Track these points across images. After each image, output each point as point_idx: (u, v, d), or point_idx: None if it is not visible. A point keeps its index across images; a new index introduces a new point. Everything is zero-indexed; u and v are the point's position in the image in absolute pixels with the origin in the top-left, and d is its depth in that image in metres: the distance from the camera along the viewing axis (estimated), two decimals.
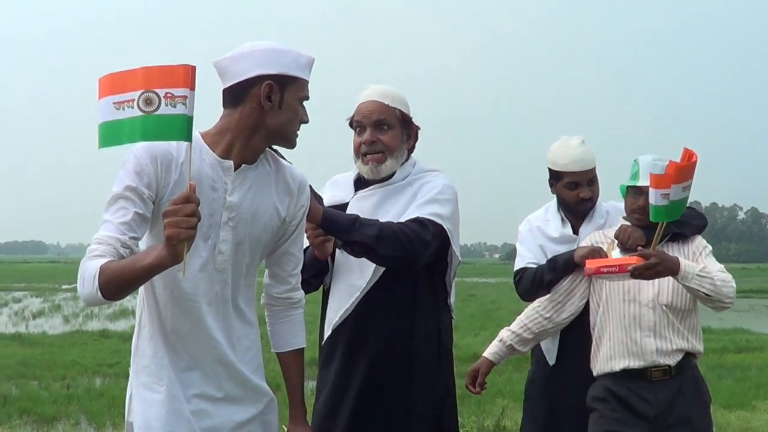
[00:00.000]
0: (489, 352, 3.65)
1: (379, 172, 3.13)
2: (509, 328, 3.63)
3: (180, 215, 2.02)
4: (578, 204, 3.61)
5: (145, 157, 2.30)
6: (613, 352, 3.33)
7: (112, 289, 2.15)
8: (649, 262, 3.09)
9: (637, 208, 3.36)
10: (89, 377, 10.90)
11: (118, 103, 2.07)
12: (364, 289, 3.05)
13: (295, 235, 2.64)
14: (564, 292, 3.49)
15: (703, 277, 3.17)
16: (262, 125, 2.41)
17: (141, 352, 2.45)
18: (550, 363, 3.66)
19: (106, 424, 7.79)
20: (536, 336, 3.57)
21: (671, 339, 3.29)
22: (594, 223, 3.64)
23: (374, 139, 3.10)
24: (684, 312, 3.32)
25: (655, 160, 3.29)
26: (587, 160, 3.56)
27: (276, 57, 2.38)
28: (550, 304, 3.51)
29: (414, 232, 2.94)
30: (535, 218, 3.79)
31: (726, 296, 3.20)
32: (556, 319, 3.50)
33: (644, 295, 3.31)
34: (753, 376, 11.01)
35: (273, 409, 2.63)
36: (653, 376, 3.28)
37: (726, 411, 7.87)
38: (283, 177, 2.56)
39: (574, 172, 3.55)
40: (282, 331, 2.70)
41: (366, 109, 3.13)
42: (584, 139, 3.61)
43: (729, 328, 18.37)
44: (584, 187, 3.58)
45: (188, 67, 2.06)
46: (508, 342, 3.60)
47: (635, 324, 3.30)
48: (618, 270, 3.15)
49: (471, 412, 7.31)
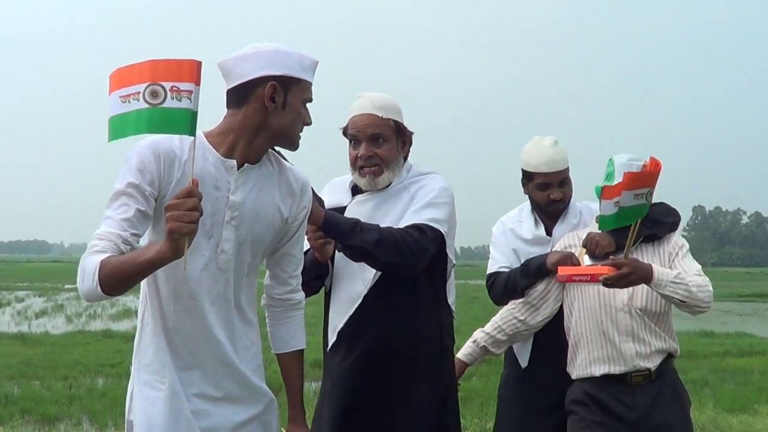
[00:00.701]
0: (462, 354, 3.66)
1: (376, 184, 3.14)
2: (483, 329, 3.64)
3: (182, 209, 2.03)
4: (548, 205, 3.58)
5: (148, 154, 2.31)
6: (592, 357, 3.32)
7: (112, 284, 2.15)
8: (621, 272, 3.06)
9: None
10: (91, 377, 10.90)
11: (125, 97, 2.08)
12: (365, 293, 3.06)
13: (297, 237, 2.65)
14: (538, 296, 3.48)
15: (678, 284, 3.12)
16: (265, 126, 2.42)
17: (143, 350, 2.46)
18: (522, 365, 3.64)
19: (108, 424, 7.79)
20: (510, 338, 3.57)
21: (649, 341, 3.27)
22: (567, 223, 3.62)
23: (371, 154, 3.10)
24: (659, 315, 3.29)
25: (630, 160, 3.23)
26: (558, 161, 3.53)
27: (280, 58, 2.39)
28: (525, 307, 3.50)
29: (413, 238, 2.95)
30: (508, 219, 3.76)
31: (702, 301, 3.15)
32: (530, 323, 3.50)
33: (619, 300, 3.29)
34: (755, 380, 11.00)
35: (273, 410, 2.63)
36: (633, 380, 3.26)
37: (728, 415, 7.86)
38: (285, 178, 2.57)
39: (545, 173, 3.53)
40: (282, 332, 2.71)
41: (360, 123, 3.12)
42: (557, 140, 3.58)
43: (732, 332, 18.38)
44: (555, 188, 3.55)
45: (194, 62, 2.07)
46: (482, 343, 3.62)
47: (613, 329, 3.27)
48: (590, 279, 3.14)
49: (473, 414, 7.32)
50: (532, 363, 3.63)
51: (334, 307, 3.15)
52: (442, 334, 3.17)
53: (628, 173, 3.03)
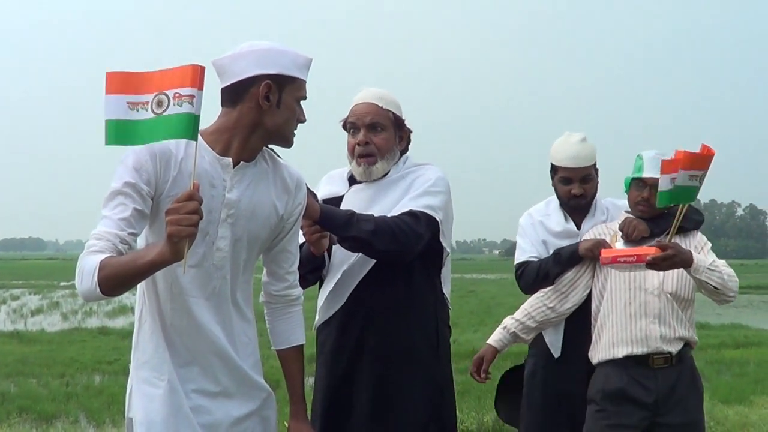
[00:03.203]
0: (493, 339, 3.72)
1: (371, 174, 3.17)
2: (513, 316, 3.69)
3: (182, 213, 2.03)
4: (569, 200, 3.65)
5: (144, 153, 2.31)
6: (616, 339, 3.38)
7: (112, 285, 2.16)
8: (667, 253, 3.12)
9: (641, 200, 3.42)
10: (88, 375, 10.89)
11: (133, 104, 2.09)
12: (357, 279, 3.08)
13: (292, 233, 2.66)
14: (568, 283, 3.55)
15: (713, 271, 3.23)
16: (260, 124, 2.42)
17: (142, 348, 2.46)
18: (555, 355, 3.69)
19: (106, 421, 7.78)
20: (539, 325, 3.62)
21: (674, 326, 3.35)
22: (596, 218, 3.69)
23: (368, 140, 3.15)
24: (686, 301, 3.39)
25: (658, 154, 3.35)
26: (583, 158, 3.59)
27: (275, 57, 2.39)
28: (554, 294, 3.57)
29: (408, 225, 2.98)
30: (536, 212, 3.82)
31: (731, 290, 3.27)
32: (560, 309, 3.57)
33: (650, 283, 3.36)
34: (751, 372, 11.03)
35: (271, 405, 2.64)
36: (655, 363, 3.33)
37: (724, 406, 7.88)
38: (280, 175, 2.58)
39: (567, 168, 3.60)
40: (281, 328, 2.72)
41: (360, 110, 3.17)
42: (586, 137, 3.64)
43: (727, 323, 18.42)
44: (576, 183, 3.61)
45: (197, 67, 2.07)
46: (512, 329, 3.66)
47: (641, 311, 3.35)
48: (636, 260, 3.17)
49: (471, 407, 7.32)
50: (563, 353, 3.67)
51: (325, 292, 3.17)
52: (438, 324, 3.19)
53: (684, 152, 3.07)
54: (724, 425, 6.98)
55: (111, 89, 2.10)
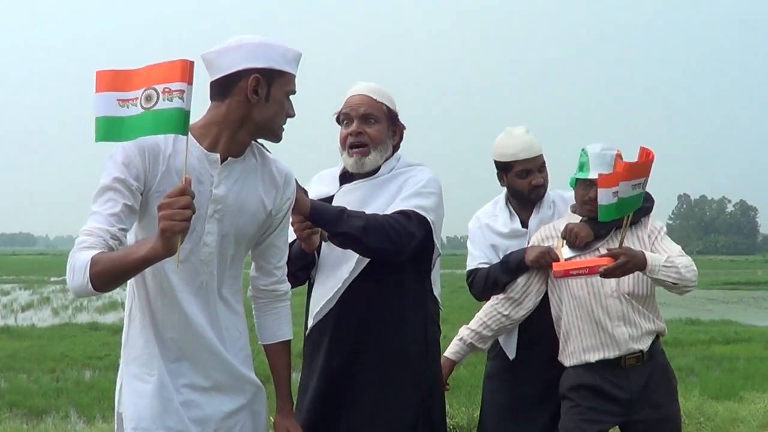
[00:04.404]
0: (450, 352, 3.68)
1: (363, 165, 3.15)
2: (468, 326, 3.66)
3: (175, 207, 2.03)
4: (531, 191, 3.61)
5: (133, 148, 2.31)
6: (585, 345, 3.36)
7: (103, 280, 2.16)
8: (619, 262, 3.12)
9: (588, 200, 3.34)
10: (78, 370, 10.87)
11: (123, 101, 2.10)
12: (348, 281, 3.07)
13: (281, 228, 2.66)
14: (520, 291, 3.51)
15: (669, 267, 3.20)
16: (248, 119, 2.42)
17: (132, 343, 2.47)
18: (510, 357, 3.66)
19: (96, 416, 7.77)
20: (495, 333, 3.60)
21: (639, 324, 3.34)
22: (542, 214, 3.65)
23: (360, 131, 3.14)
24: (645, 297, 3.37)
25: (604, 149, 3.31)
26: (535, 147, 3.58)
27: (263, 51, 2.39)
28: (507, 303, 3.53)
29: (399, 224, 2.97)
30: (483, 214, 3.78)
31: (690, 281, 3.25)
32: (515, 317, 3.53)
33: (607, 287, 3.33)
34: (741, 367, 11.07)
35: (261, 399, 2.65)
36: (627, 363, 3.32)
37: (714, 401, 7.90)
38: (269, 170, 2.58)
39: (524, 160, 3.57)
40: (268, 323, 2.72)
41: (354, 102, 3.17)
42: (528, 128, 3.63)
43: (717, 319, 18.51)
44: (535, 173, 3.59)
45: (186, 62, 2.08)
46: (469, 340, 3.64)
47: (605, 315, 3.33)
48: (588, 272, 3.18)
49: (461, 402, 7.33)
50: (519, 354, 3.65)
51: (316, 293, 3.16)
52: (427, 324, 3.19)
53: (624, 163, 3.06)
54: (714, 421, 7.00)
55: (101, 87, 2.12)
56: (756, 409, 7.40)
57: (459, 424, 6.51)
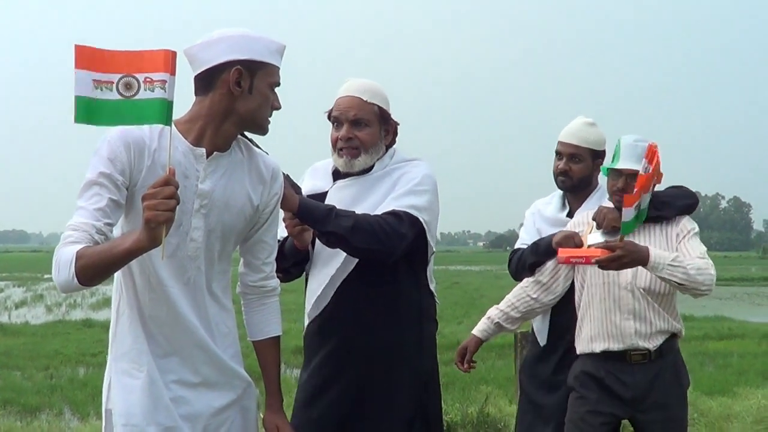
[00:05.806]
0: (477, 330, 3.75)
1: (352, 166, 3.11)
2: (497, 306, 3.72)
3: (159, 198, 2.02)
4: (557, 176, 3.70)
5: (118, 143, 2.30)
6: (594, 333, 3.37)
7: (89, 274, 2.14)
8: (613, 254, 3.09)
9: (617, 190, 3.33)
10: (72, 367, 10.86)
11: (98, 82, 2.06)
12: (339, 277, 3.05)
13: (269, 224, 2.64)
14: (549, 274, 3.56)
15: (676, 267, 3.14)
16: (232, 111, 2.40)
17: (120, 339, 2.45)
18: (540, 343, 3.74)
19: (90, 413, 7.76)
20: (523, 315, 3.65)
21: (651, 321, 3.32)
22: (588, 207, 3.65)
23: (351, 136, 3.09)
24: (662, 295, 3.33)
25: (636, 140, 3.31)
26: (578, 136, 3.64)
27: (246, 43, 2.38)
28: (536, 285, 3.59)
29: (390, 225, 2.94)
30: (540, 201, 3.90)
31: (702, 284, 3.16)
32: (543, 300, 3.59)
33: (623, 279, 3.33)
34: (734, 363, 11.12)
35: (251, 395, 2.64)
36: (632, 359, 3.31)
37: (707, 397, 7.92)
38: (256, 165, 2.56)
39: (560, 142, 3.68)
40: (257, 319, 2.71)
41: (344, 104, 3.11)
42: (595, 123, 3.71)
43: (711, 315, 18.55)
44: (564, 159, 3.65)
45: (169, 52, 2.06)
46: (496, 320, 3.69)
47: (615, 307, 3.33)
48: (584, 261, 3.18)
49: (455, 399, 7.33)
50: (549, 341, 3.71)
51: (311, 292, 3.14)
52: (422, 319, 3.18)
53: (641, 176, 3.02)
54: (708, 417, 7.01)
55: (79, 64, 2.07)
56: (750, 405, 7.40)
57: (453, 420, 6.51)
